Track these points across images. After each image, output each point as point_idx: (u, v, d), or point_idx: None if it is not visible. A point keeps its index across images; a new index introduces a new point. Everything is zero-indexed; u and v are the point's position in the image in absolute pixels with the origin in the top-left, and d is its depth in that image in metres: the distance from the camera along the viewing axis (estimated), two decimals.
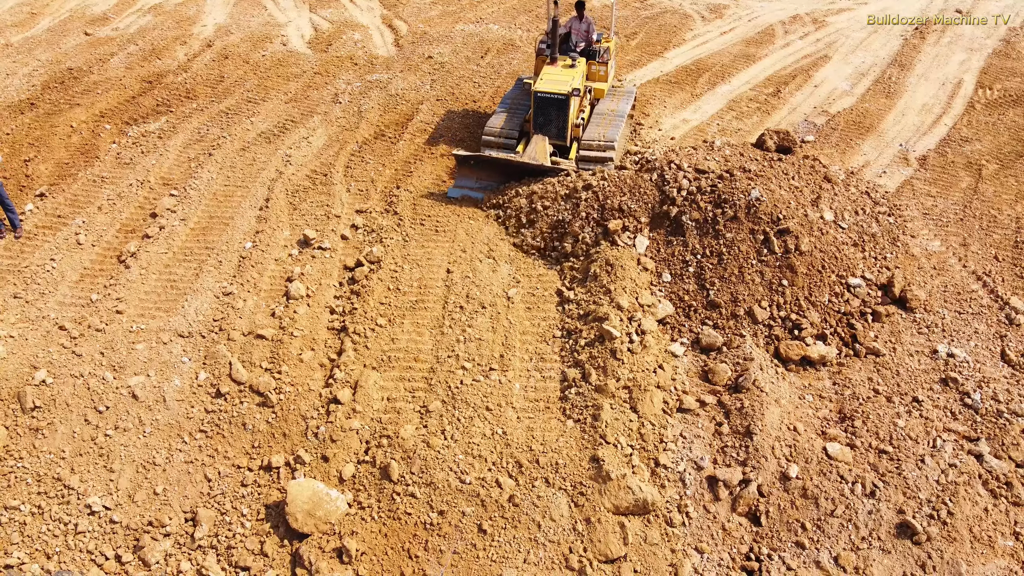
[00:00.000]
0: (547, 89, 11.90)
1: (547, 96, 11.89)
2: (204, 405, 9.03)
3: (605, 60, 13.14)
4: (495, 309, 10.02)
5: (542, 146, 12.08)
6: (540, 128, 12.26)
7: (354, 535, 7.76)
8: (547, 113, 12.10)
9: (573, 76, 12.20)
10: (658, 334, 9.62)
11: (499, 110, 13.24)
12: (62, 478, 8.44)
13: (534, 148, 12.04)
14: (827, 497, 7.90)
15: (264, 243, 11.17)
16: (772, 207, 10.12)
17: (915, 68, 16.70)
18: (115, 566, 7.90)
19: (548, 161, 11.88)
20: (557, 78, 12.16)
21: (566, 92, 11.85)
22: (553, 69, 12.45)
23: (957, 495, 7.98)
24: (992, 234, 11.61)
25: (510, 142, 12.64)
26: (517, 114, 13.07)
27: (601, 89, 13.30)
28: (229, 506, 8.28)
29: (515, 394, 9.01)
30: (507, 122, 12.84)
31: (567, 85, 11.93)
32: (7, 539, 8.08)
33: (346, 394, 8.99)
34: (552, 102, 11.93)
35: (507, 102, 13.45)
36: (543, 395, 9.05)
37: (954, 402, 8.96)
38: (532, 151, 12.02)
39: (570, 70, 12.41)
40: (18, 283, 10.54)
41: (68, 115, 14.43)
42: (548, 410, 8.85)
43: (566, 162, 12.13)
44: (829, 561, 7.57)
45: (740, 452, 8.30)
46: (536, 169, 11.81)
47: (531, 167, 11.77)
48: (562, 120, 12.12)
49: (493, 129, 12.76)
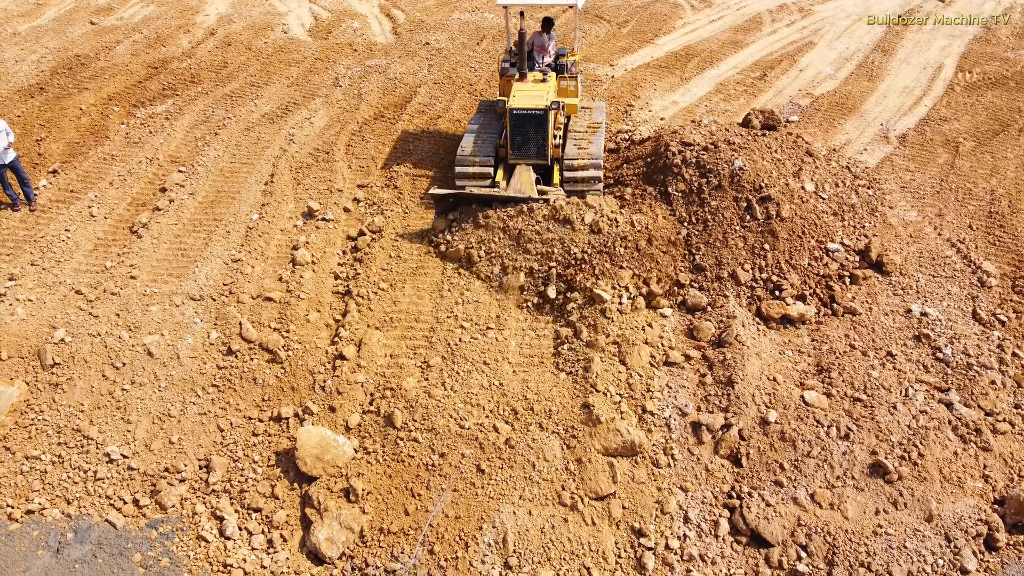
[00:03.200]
0: (523, 105, 11.01)
1: (524, 113, 11.00)
2: (216, 361, 9.51)
3: (575, 74, 12.34)
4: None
5: (527, 177, 11.16)
6: (518, 148, 11.37)
7: (360, 476, 8.25)
8: (525, 132, 11.20)
9: (547, 90, 11.45)
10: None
11: (468, 136, 12.04)
12: (81, 429, 8.91)
13: (519, 180, 11.12)
14: (804, 440, 8.41)
15: (270, 215, 11.65)
16: (755, 176, 10.64)
17: (897, 53, 17.26)
18: (133, 510, 8.38)
19: (535, 192, 10.98)
20: (531, 93, 11.33)
21: (544, 106, 10.98)
22: (524, 85, 11.61)
23: (927, 439, 8.49)
24: (967, 205, 12.14)
25: (486, 170, 11.53)
26: (489, 139, 11.94)
27: (573, 105, 12.35)
28: (241, 454, 8.76)
29: (511, 350, 9.51)
30: (480, 149, 11.69)
31: (543, 99, 11.13)
32: (28, 487, 8.55)
33: (351, 351, 9.49)
34: (530, 119, 11.06)
35: (475, 127, 12.29)
36: (537, 351, 9.55)
37: (926, 356, 9.47)
38: (517, 183, 11.08)
39: (543, 84, 11.66)
40: (35, 252, 11.00)
41: (77, 98, 14.88)
42: (542, 364, 9.35)
43: (554, 191, 11.18)
44: (806, 498, 8.07)
45: (722, 400, 8.81)
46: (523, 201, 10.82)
47: (519, 201, 10.80)
48: (542, 137, 11.23)
49: (466, 159, 11.58)
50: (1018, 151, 13.34)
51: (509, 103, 11.07)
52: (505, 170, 11.61)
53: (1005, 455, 8.67)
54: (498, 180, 11.50)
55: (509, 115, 11.05)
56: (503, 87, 12.32)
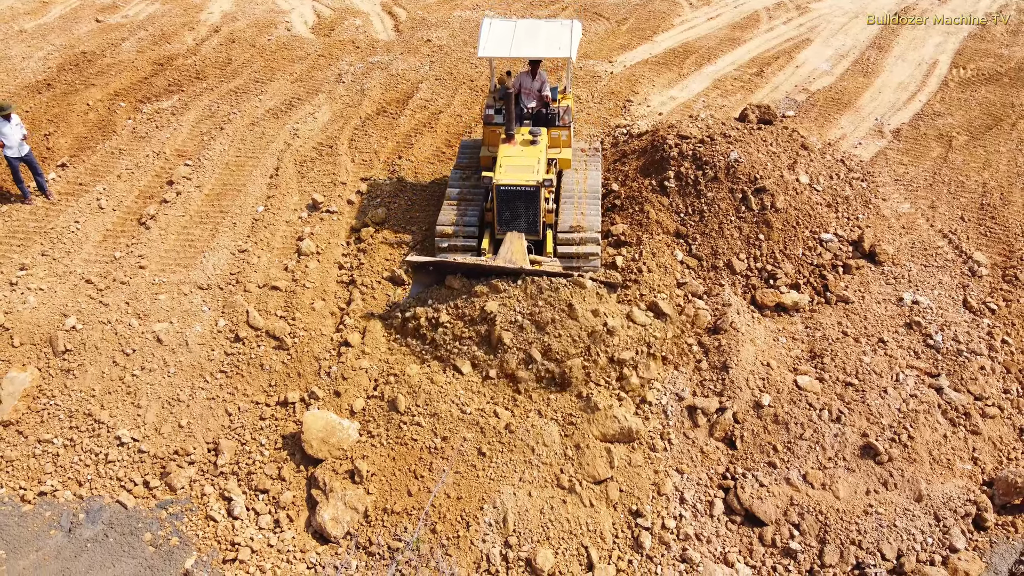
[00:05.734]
0: (512, 182, 9.73)
1: (513, 190, 9.76)
2: (224, 348, 9.74)
3: (567, 123, 11.08)
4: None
5: (519, 245, 9.81)
6: (506, 224, 10.09)
7: (365, 459, 8.48)
8: (514, 208, 9.93)
9: (537, 156, 10.15)
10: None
11: (449, 200, 10.88)
12: (93, 414, 9.14)
13: (510, 248, 9.70)
14: (796, 422, 8.64)
15: (275, 207, 11.89)
16: (750, 168, 10.87)
17: (893, 50, 17.47)
18: (143, 491, 8.62)
19: (527, 263, 9.65)
20: (521, 163, 10.03)
21: (535, 183, 9.73)
22: (512, 150, 10.28)
23: (917, 422, 8.72)
24: (959, 198, 12.36)
25: (470, 242, 10.39)
26: (472, 204, 10.77)
27: (567, 159, 11.18)
28: (249, 437, 8.99)
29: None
30: (462, 216, 10.58)
31: (534, 173, 9.85)
32: (41, 469, 8.79)
33: (355, 338, 9.72)
34: (519, 195, 9.78)
35: (456, 191, 11.06)
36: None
37: (917, 343, 9.70)
38: (508, 252, 9.65)
39: (533, 148, 10.28)
40: (45, 243, 11.24)
41: (84, 94, 15.12)
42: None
43: (550, 262, 10.03)
44: (798, 478, 8.30)
45: (717, 384, 9.04)
46: (514, 272, 9.40)
47: (508, 272, 9.38)
48: (532, 213, 9.95)
49: (447, 229, 10.42)
50: (1010, 145, 13.55)
51: (496, 178, 9.82)
52: (491, 238, 10.36)
53: (994, 438, 8.91)
54: (484, 248, 10.27)
55: (496, 191, 9.83)
56: (488, 136, 11.16)
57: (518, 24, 11.05)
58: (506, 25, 11.02)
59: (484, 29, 10.88)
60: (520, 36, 10.76)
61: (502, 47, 10.59)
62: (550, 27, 10.93)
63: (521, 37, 10.75)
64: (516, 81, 11.26)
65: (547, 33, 10.80)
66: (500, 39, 10.72)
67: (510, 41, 10.68)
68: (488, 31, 10.85)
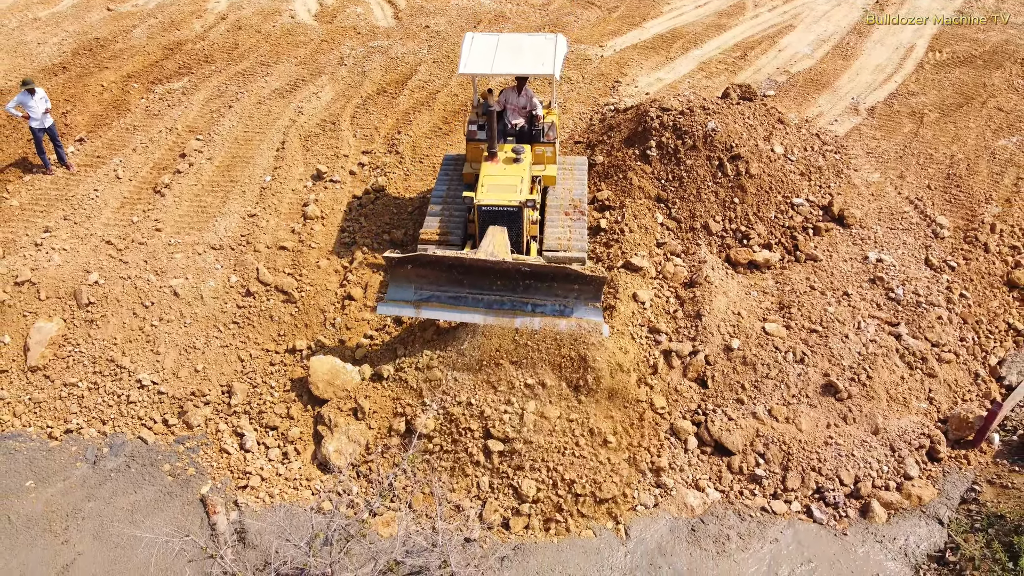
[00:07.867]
0: (494, 202, 9.60)
1: (495, 210, 9.63)
2: (236, 301, 10.49)
3: (552, 139, 10.83)
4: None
5: (501, 238, 9.57)
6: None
7: (367, 398, 9.21)
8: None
9: (521, 177, 9.99)
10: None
11: (433, 208, 10.75)
12: (115, 360, 9.89)
13: (492, 243, 9.45)
14: (763, 363, 9.37)
15: (282, 177, 12.64)
16: (726, 136, 11.60)
17: (872, 35, 18.19)
18: (163, 428, 9.37)
19: (510, 256, 9.36)
20: (503, 182, 9.90)
21: (518, 203, 9.60)
22: (495, 168, 10.15)
23: (876, 364, 9.45)
24: (928, 168, 13.08)
25: (454, 242, 10.37)
26: (457, 213, 10.66)
27: (551, 176, 10.97)
28: (260, 380, 9.74)
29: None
30: (447, 222, 10.53)
31: (517, 192, 9.71)
32: (67, 410, 9.53)
33: (359, 292, 10.47)
34: (501, 215, 9.65)
35: (439, 207, 10.78)
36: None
37: (880, 296, 10.44)
38: (490, 246, 9.39)
39: (516, 167, 10.15)
40: (66, 209, 11.99)
41: (98, 76, 15.86)
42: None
43: (534, 259, 9.89)
44: (764, 413, 9.04)
45: (691, 330, 9.78)
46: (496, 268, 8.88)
47: (491, 266, 8.86)
48: (515, 234, 9.78)
49: (432, 233, 10.37)
50: (980, 121, 14.27)
51: (478, 198, 9.66)
52: (473, 245, 10.17)
53: (950, 381, 9.64)
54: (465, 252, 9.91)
55: (478, 211, 9.70)
56: (471, 152, 10.92)
57: (500, 39, 10.76)
58: (488, 40, 10.74)
59: (466, 45, 10.68)
60: (502, 52, 10.48)
61: (484, 64, 10.33)
62: (534, 41, 10.67)
63: (503, 53, 10.46)
64: (502, 97, 11.10)
65: (530, 48, 10.53)
66: (482, 55, 10.43)
67: (492, 57, 10.40)
68: (470, 47, 10.63)
